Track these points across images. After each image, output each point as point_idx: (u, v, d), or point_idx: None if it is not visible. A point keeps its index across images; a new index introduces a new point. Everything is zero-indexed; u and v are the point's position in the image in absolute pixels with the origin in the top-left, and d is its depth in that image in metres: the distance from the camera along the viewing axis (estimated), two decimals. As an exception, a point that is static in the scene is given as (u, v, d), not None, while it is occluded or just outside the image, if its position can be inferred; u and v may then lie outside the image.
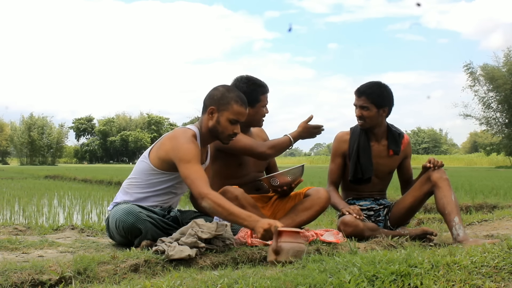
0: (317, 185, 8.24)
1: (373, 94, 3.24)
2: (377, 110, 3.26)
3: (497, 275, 1.99)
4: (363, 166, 3.32)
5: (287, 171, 3.13)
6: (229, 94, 2.83)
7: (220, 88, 2.87)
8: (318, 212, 3.15)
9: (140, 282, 2.00)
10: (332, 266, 2.11)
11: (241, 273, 2.10)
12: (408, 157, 3.47)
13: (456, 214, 2.98)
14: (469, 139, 75.98)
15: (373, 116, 3.27)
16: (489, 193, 7.47)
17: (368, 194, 3.44)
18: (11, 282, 2.04)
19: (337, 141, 3.45)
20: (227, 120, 2.80)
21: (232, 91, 2.85)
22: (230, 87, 2.91)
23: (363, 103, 3.25)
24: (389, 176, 3.48)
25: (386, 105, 3.29)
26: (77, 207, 6.83)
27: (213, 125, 2.82)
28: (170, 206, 2.95)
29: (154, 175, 2.85)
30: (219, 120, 2.80)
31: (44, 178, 16.25)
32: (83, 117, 75.11)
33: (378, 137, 3.37)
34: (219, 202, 2.53)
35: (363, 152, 3.33)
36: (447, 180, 3.10)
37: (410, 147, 3.48)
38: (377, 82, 3.32)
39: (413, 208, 3.28)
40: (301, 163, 3.39)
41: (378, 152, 3.37)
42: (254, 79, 3.27)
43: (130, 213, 2.65)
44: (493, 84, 34.16)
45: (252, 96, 3.20)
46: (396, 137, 3.37)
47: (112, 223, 2.77)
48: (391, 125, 3.42)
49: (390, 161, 3.39)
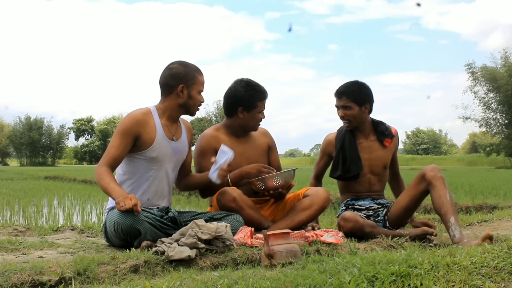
0: (317, 186, 8.25)
1: (352, 93, 3.35)
2: (359, 108, 3.36)
3: (497, 275, 1.99)
4: (351, 162, 3.39)
5: (278, 173, 3.10)
6: (189, 68, 2.97)
7: (176, 65, 2.98)
8: (317, 212, 3.15)
9: (140, 283, 2.00)
10: (332, 266, 2.11)
11: (241, 273, 2.10)
12: (396, 149, 3.56)
13: (452, 214, 2.98)
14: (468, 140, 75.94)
15: (356, 114, 3.36)
16: (489, 194, 7.48)
17: (366, 195, 3.45)
18: (11, 283, 2.04)
19: (324, 143, 3.60)
20: (197, 93, 2.98)
21: (189, 65, 2.99)
22: (183, 62, 3.01)
23: (345, 103, 3.35)
24: (385, 172, 3.51)
25: (367, 102, 3.38)
26: (77, 208, 6.83)
27: (185, 101, 2.97)
28: (168, 207, 2.96)
29: (129, 162, 2.94)
30: (190, 95, 2.96)
31: (44, 179, 16.25)
32: (83, 118, 75.09)
33: (365, 133, 3.46)
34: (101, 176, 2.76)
35: (350, 149, 3.41)
36: (441, 179, 3.10)
37: (398, 138, 3.56)
38: (354, 81, 3.43)
39: (410, 208, 3.28)
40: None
41: (368, 147, 3.45)
42: (253, 84, 3.25)
43: (127, 214, 2.65)
44: (493, 85, 34.17)
45: (249, 102, 3.19)
46: (383, 130, 3.47)
47: (110, 227, 2.77)
48: (376, 120, 3.50)
49: (383, 154, 3.46)
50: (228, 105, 3.26)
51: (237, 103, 3.22)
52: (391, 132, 3.49)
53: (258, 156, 3.32)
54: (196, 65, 3.01)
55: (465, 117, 35.59)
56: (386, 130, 3.47)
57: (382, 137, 3.45)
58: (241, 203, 3.02)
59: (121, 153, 2.85)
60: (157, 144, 2.92)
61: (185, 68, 2.97)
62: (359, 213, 3.38)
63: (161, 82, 3.00)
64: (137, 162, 2.94)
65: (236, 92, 3.23)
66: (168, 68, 2.99)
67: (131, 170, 2.95)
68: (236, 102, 3.22)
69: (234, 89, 3.25)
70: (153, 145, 2.91)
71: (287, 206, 3.24)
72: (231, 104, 3.25)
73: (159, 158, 2.94)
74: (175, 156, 3.03)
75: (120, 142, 2.84)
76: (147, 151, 2.91)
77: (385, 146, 3.46)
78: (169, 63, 3.02)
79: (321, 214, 3.60)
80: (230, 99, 3.26)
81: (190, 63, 3.02)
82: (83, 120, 74.42)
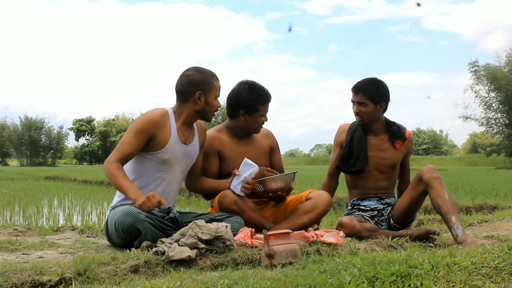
0: (317, 186, 8.26)
1: (370, 90, 3.32)
2: (374, 105, 3.33)
3: (498, 276, 1.98)
4: (357, 157, 3.37)
5: (278, 176, 3.09)
6: (206, 74, 2.99)
7: (193, 72, 3.00)
8: (319, 216, 3.14)
9: (140, 283, 2.00)
10: (332, 267, 2.11)
11: (241, 274, 2.10)
12: (408, 154, 3.51)
13: (453, 213, 2.97)
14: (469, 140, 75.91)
15: (370, 111, 3.34)
16: (489, 194, 7.48)
17: (374, 193, 3.44)
18: (11, 283, 2.04)
19: (338, 131, 3.56)
20: (214, 99, 3.00)
21: (205, 71, 3.01)
22: (199, 68, 3.03)
23: (360, 99, 3.33)
24: (394, 171, 3.47)
25: (383, 101, 3.36)
26: (77, 208, 6.83)
27: (202, 108, 2.98)
28: (169, 208, 2.96)
29: (139, 161, 2.94)
30: (207, 101, 2.98)
31: (44, 179, 16.26)
32: (83, 118, 75.05)
33: (376, 132, 3.43)
34: (113, 173, 2.75)
35: (358, 143, 3.39)
36: (438, 179, 3.09)
37: (412, 143, 3.52)
38: (373, 79, 3.39)
39: (411, 208, 3.27)
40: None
41: (377, 145, 3.42)
42: (256, 87, 3.22)
43: (129, 214, 2.65)
44: (495, 85, 34.16)
45: (251, 105, 3.17)
46: (395, 131, 3.42)
47: (111, 226, 2.78)
48: (390, 120, 3.47)
49: (391, 154, 3.42)
50: (231, 106, 3.25)
51: (239, 106, 3.20)
52: (404, 134, 3.43)
53: (260, 157, 3.29)
54: (196, 65, 3.02)
55: (466, 116, 35.59)
56: (398, 132, 3.43)
57: (394, 138, 3.41)
58: (242, 205, 3.02)
59: (133, 151, 2.85)
60: (170, 147, 2.92)
61: (201, 74, 2.97)
62: (364, 213, 3.38)
63: (178, 89, 3.01)
64: (147, 162, 2.93)
65: (239, 95, 3.22)
66: (185, 75, 2.99)
67: (139, 169, 2.95)
68: (238, 105, 3.21)
69: (237, 91, 3.23)
70: (165, 147, 2.91)
71: (289, 208, 3.23)
72: (233, 106, 3.24)
73: (170, 161, 2.95)
74: (185, 159, 3.03)
75: (134, 140, 2.84)
76: (159, 153, 2.91)
77: (395, 148, 3.42)
78: (185, 70, 3.03)
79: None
80: (232, 101, 3.25)
81: (206, 69, 3.03)
82: (83, 121, 74.36)
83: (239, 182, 3.01)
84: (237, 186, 3.02)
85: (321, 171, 17.61)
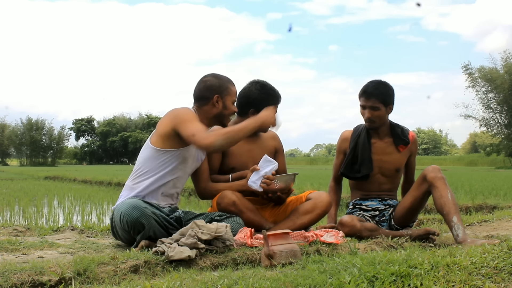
0: (316, 187, 8.26)
1: (381, 94, 3.30)
2: (385, 108, 3.33)
3: (497, 275, 1.99)
4: (362, 163, 3.36)
5: (278, 177, 3.07)
6: (222, 80, 3.03)
7: (210, 78, 3.04)
8: (319, 216, 3.14)
9: (140, 283, 2.00)
10: (332, 267, 2.11)
11: (241, 274, 2.10)
12: (413, 155, 3.49)
13: (454, 214, 2.98)
14: (469, 140, 75.94)
15: (382, 115, 3.33)
16: (489, 194, 7.47)
17: (376, 195, 3.44)
18: (11, 283, 2.04)
19: (341, 139, 3.56)
20: (231, 103, 3.03)
21: (222, 76, 3.06)
22: (216, 74, 3.07)
23: (373, 104, 3.29)
24: (397, 175, 3.47)
25: (391, 103, 3.36)
26: (77, 208, 6.83)
27: (220, 111, 3.01)
28: (176, 207, 2.97)
29: (158, 157, 2.93)
30: (225, 105, 3.01)
31: (44, 179, 16.25)
32: (83, 118, 75.06)
33: (381, 135, 3.42)
34: (225, 131, 2.78)
35: (362, 149, 3.38)
36: (442, 179, 3.09)
37: (416, 144, 3.50)
38: (380, 81, 3.37)
39: (414, 208, 3.27)
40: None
41: (382, 149, 3.40)
42: (268, 88, 3.24)
43: (136, 207, 2.67)
44: (492, 85, 34.20)
45: (261, 105, 3.15)
46: (399, 133, 3.41)
47: (117, 217, 2.79)
48: (394, 123, 3.46)
49: (396, 157, 3.41)
50: (241, 104, 3.25)
51: (250, 104, 3.22)
52: (407, 137, 3.41)
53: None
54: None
55: (467, 115, 35.64)
56: (402, 135, 3.41)
57: (398, 142, 3.40)
58: (241, 206, 3.02)
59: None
60: (192, 146, 2.94)
61: (218, 80, 3.02)
62: (365, 213, 3.38)
63: (196, 94, 3.03)
64: (167, 158, 2.93)
65: (249, 93, 3.23)
66: (202, 81, 3.03)
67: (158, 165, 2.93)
68: (248, 103, 3.23)
69: (248, 89, 3.25)
70: (190, 145, 2.93)
71: (289, 208, 3.23)
72: (243, 104, 3.25)
73: (187, 160, 2.98)
74: (195, 163, 3.08)
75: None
76: (183, 150, 2.93)
77: (399, 151, 3.41)
78: (202, 77, 3.07)
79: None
80: (243, 99, 3.26)
81: (222, 75, 3.07)
82: (83, 121, 74.37)
83: (259, 178, 3.03)
84: (256, 181, 3.03)
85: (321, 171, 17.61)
